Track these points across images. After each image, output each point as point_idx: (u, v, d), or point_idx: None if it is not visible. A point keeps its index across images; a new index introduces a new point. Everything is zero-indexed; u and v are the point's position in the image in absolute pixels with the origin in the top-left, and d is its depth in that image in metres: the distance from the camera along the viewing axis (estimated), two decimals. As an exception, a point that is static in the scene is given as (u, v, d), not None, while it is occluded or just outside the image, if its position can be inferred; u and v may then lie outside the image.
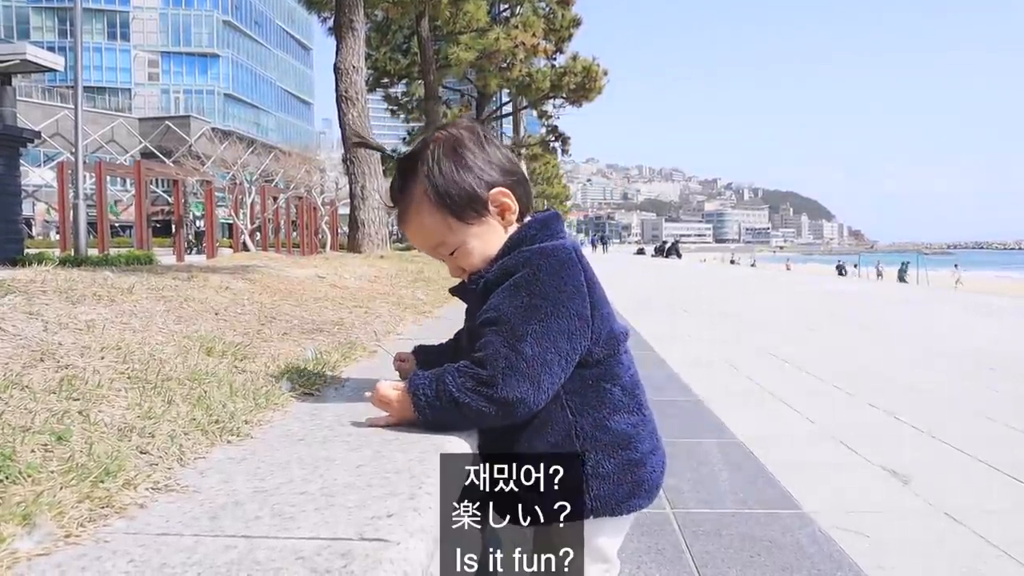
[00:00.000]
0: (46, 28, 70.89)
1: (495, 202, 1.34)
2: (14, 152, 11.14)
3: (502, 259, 1.32)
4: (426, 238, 1.37)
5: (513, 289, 1.25)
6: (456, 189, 1.32)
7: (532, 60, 23.46)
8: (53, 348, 1.55)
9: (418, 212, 1.34)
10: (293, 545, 0.81)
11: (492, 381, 1.19)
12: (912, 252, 72.27)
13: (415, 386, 1.25)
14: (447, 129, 1.39)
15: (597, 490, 1.29)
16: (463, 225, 1.33)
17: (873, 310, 12.57)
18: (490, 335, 1.23)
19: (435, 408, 1.22)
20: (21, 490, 0.90)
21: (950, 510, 2.92)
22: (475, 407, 1.20)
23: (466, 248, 1.35)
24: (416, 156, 1.36)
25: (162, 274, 3.64)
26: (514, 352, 1.20)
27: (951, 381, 5.75)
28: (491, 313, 1.25)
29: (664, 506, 3.03)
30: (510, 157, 1.41)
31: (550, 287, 1.25)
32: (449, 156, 1.33)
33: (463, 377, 1.21)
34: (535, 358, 1.20)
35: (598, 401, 1.32)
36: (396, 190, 1.38)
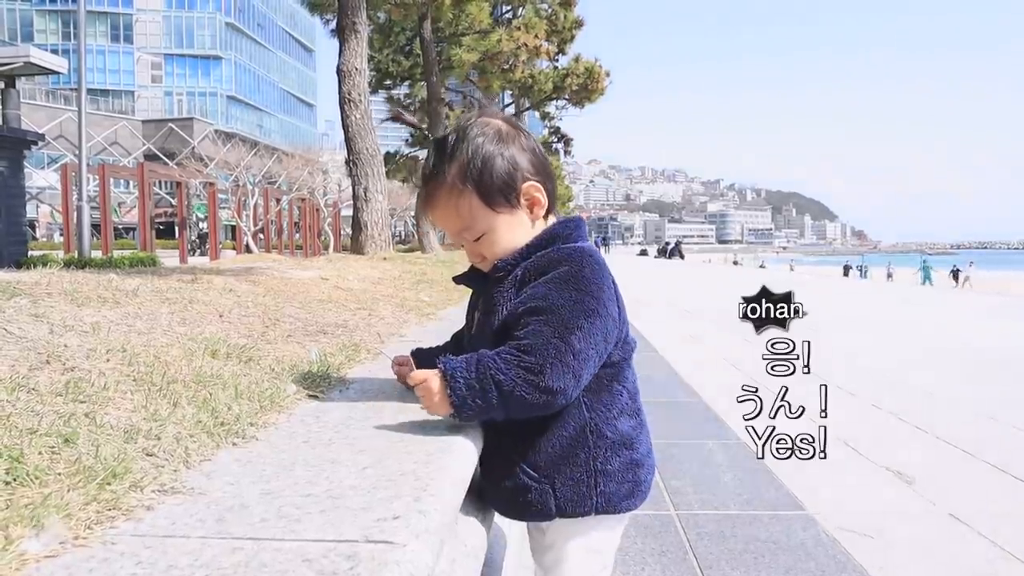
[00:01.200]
0: (49, 31, 71.11)
1: (527, 194, 1.36)
2: (18, 154, 11.17)
3: (540, 251, 1.33)
4: (454, 221, 1.37)
5: (561, 282, 1.26)
6: (493, 175, 1.33)
7: (534, 61, 23.47)
8: (59, 350, 1.55)
9: (450, 193, 1.35)
10: (299, 547, 0.82)
11: (540, 369, 1.18)
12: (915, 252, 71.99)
13: (451, 369, 1.21)
14: (487, 116, 1.41)
15: (604, 487, 1.31)
16: (493, 212, 1.34)
17: (883, 310, 12.56)
18: (537, 324, 1.22)
19: (474, 391, 1.19)
20: (29, 492, 0.90)
21: (955, 512, 2.92)
22: (519, 393, 1.18)
23: (493, 236, 1.36)
24: (456, 137, 1.36)
25: (166, 276, 3.65)
26: (564, 344, 1.20)
27: (956, 381, 5.74)
28: (538, 302, 1.25)
29: (668, 508, 3.03)
30: (543, 154, 1.42)
31: (594, 286, 1.27)
32: (490, 142, 1.35)
33: (507, 363, 1.19)
34: (581, 352, 1.21)
35: (610, 401, 1.34)
36: (430, 169, 1.38)
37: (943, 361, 6.81)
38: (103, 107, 58.26)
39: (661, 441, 3.95)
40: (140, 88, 75.70)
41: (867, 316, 11.60)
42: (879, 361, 6.78)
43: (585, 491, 1.30)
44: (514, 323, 1.27)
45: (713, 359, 6.87)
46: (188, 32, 77.40)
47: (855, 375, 5.95)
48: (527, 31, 21.63)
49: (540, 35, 21.94)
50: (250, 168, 39.60)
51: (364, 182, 11.71)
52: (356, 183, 11.88)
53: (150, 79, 76.89)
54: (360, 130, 11.63)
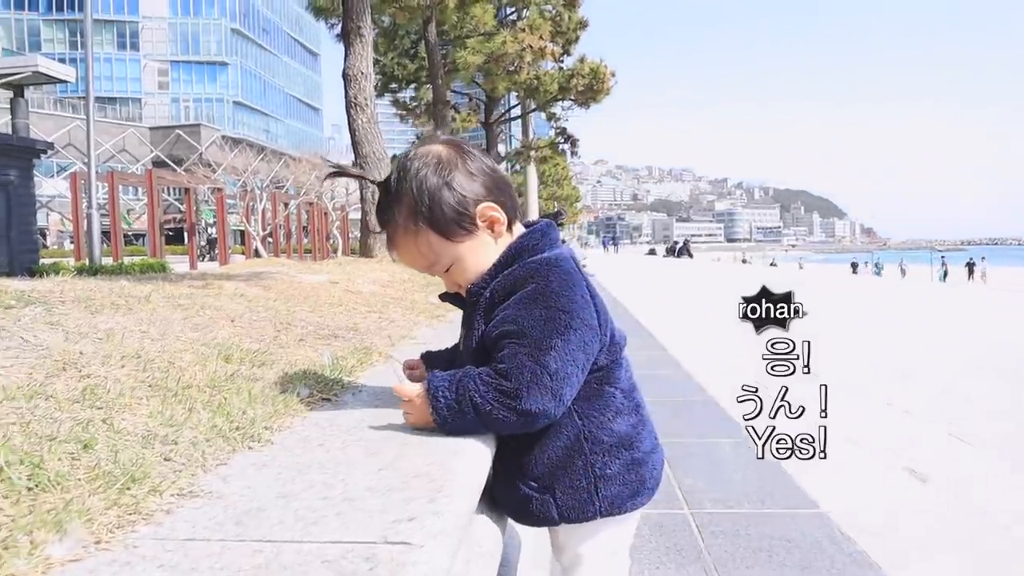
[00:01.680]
0: (57, 40, 71.58)
1: (483, 216, 1.33)
2: (28, 163, 11.24)
3: (506, 269, 1.32)
4: (418, 259, 1.36)
5: (529, 301, 1.25)
6: (442, 208, 1.30)
7: (540, 63, 23.47)
8: (75, 357, 1.56)
9: (406, 235, 1.33)
10: (318, 549, 0.82)
11: (516, 393, 1.19)
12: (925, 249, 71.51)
13: (434, 388, 1.24)
14: (425, 146, 1.37)
15: (605, 491, 1.31)
16: (453, 243, 1.32)
17: (896, 308, 12.50)
18: (512, 347, 1.22)
19: (453, 411, 1.22)
20: (51, 498, 0.91)
21: (970, 509, 2.91)
22: (496, 416, 1.20)
23: (460, 265, 1.35)
24: (398, 176, 1.34)
25: (177, 282, 3.68)
26: (539, 366, 1.20)
27: (971, 378, 5.71)
28: (509, 325, 1.24)
29: (682, 507, 3.03)
30: (493, 167, 1.38)
31: (564, 299, 1.25)
32: (432, 175, 1.31)
33: (486, 386, 1.20)
34: (558, 372, 1.20)
35: (602, 405, 1.34)
36: (382, 214, 1.36)
37: (959, 358, 6.77)
38: (111, 115, 58.61)
39: (673, 440, 3.94)
40: (147, 95, 76.10)
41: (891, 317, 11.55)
42: (894, 358, 6.75)
43: (586, 497, 1.30)
44: (492, 345, 1.27)
45: (723, 357, 6.86)
46: (194, 38, 77.78)
47: (867, 372, 5.94)
48: (532, 32, 21.63)
49: (545, 36, 21.94)
50: (258, 173, 39.79)
51: (372, 185, 11.73)
52: (364, 186, 11.91)
53: (157, 86, 77.30)
54: (367, 134, 11.66)
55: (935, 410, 4.53)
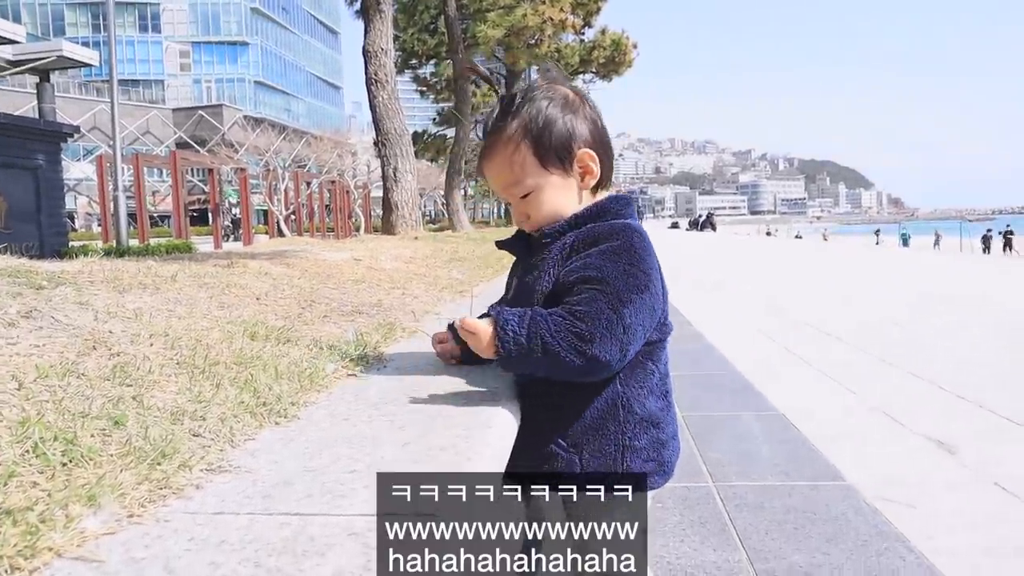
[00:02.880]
0: (80, 24, 72.03)
1: (581, 162, 1.36)
2: (56, 147, 11.37)
3: (589, 222, 1.34)
4: (506, 173, 1.38)
5: (614, 255, 1.27)
6: (552, 133, 1.35)
7: (560, 35, 23.23)
8: (104, 336, 1.59)
9: (506, 145, 1.36)
10: (346, 522, 0.83)
11: (590, 337, 1.19)
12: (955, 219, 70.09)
13: (504, 320, 1.23)
14: (555, 83, 1.42)
15: (630, 462, 1.31)
16: (544, 171, 1.36)
17: (919, 277, 12.32)
18: (591, 292, 1.23)
19: (520, 346, 1.21)
20: (85, 473, 0.93)
21: (1000, 480, 2.88)
22: (564, 357, 1.20)
23: (540, 195, 1.37)
24: (522, 96, 1.38)
25: (203, 262, 3.71)
26: (616, 315, 1.21)
27: (996, 349, 5.63)
28: (591, 272, 1.26)
29: (706, 480, 3.03)
30: (605, 128, 1.43)
31: (644, 263, 1.28)
32: (554, 102, 1.37)
33: (557, 326, 1.21)
34: (631, 327, 1.22)
35: (643, 378, 1.34)
36: (492, 121, 1.40)
37: (984, 329, 6.67)
38: (134, 97, 59.01)
39: (697, 414, 3.94)
40: (169, 77, 76.49)
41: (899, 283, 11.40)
42: (918, 330, 6.67)
43: (612, 464, 1.30)
44: (566, 291, 1.28)
45: (748, 331, 6.81)
46: (214, 19, 77.87)
47: (892, 344, 5.87)
48: (552, 5, 21.37)
49: (565, 8, 21.67)
50: (280, 152, 39.94)
51: (393, 162, 11.75)
52: (385, 163, 11.93)
53: (179, 67, 77.64)
54: (387, 111, 11.65)
55: (961, 381, 4.48)
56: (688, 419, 3.83)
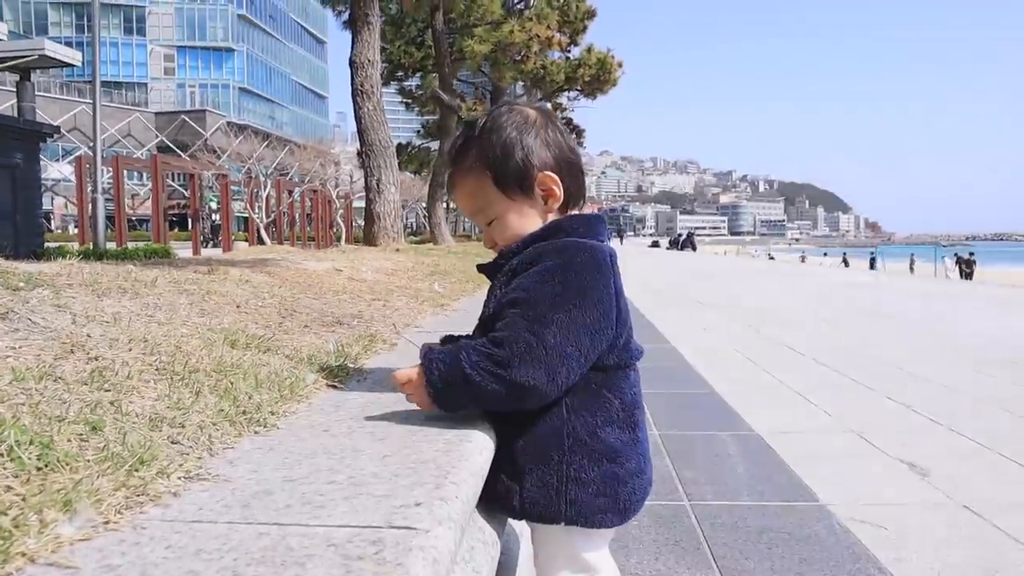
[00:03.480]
0: (64, 23, 71.48)
1: (542, 184, 1.36)
2: (34, 147, 11.24)
3: (537, 242, 1.32)
4: (470, 202, 1.41)
5: (545, 274, 1.24)
6: (509, 161, 1.35)
7: (546, 52, 23.41)
8: (82, 340, 1.58)
9: (467, 175, 1.39)
10: (324, 532, 0.83)
11: (508, 362, 1.16)
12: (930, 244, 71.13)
13: (428, 360, 1.23)
14: (516, 105, 1.44)
15: (573, 495, 1.24)
16: (507, 198, 1.36)
17: (893, 303, 12.49)
18: (513, 316, 1.21)
19: (447, 383, 1.20)
20: (60, 478, 0.92)
21: (970, 503, 2.91)
22: (485, 386, 1.17)
23: (504, 221, 1.38)
24: (484, 121, 1.40)
25: (183, 267, 3.69)
26: (535, 337, 1.17)
27: (971, 373, 5.71)
28: (519, 293, 1.24)
29: (682, 498, 3.04)
30: (572, 148, 1.42)
31: (582, 280, 1.23)
32: (511, 128, 1.37)
33: (478, 355, 1.18)
34: (555, 348, 1.17)
35: (596, 407, 1.28)
36: (454, 150, 1.43)
37: (956, 353, 6.77)
38: (116, 99, 58.54)
39: (674, 432, 3.95)
40: (153, 80, 76.05)
41: (876, 309, 11.54)
42: (893, 353, 6.75)
43: (554, 496, 1.23)
44: (498, 315, 1.26)
45: (726, 351, 6.86)
46: (200, 24, 77.62)
47: (868, 367, 5.94)
48: (539, 22, 21.56)
49: (552, 26, 21.87)
50: (262, 160, 39.78)
51: (377, 174, 11.75)
52: (369, 175, 11.92)
53: (163, 71, 77.23)
54: (372, 122, 11.66)
55: (934, 404, 4.55)
56: (665, 438, 3.84)
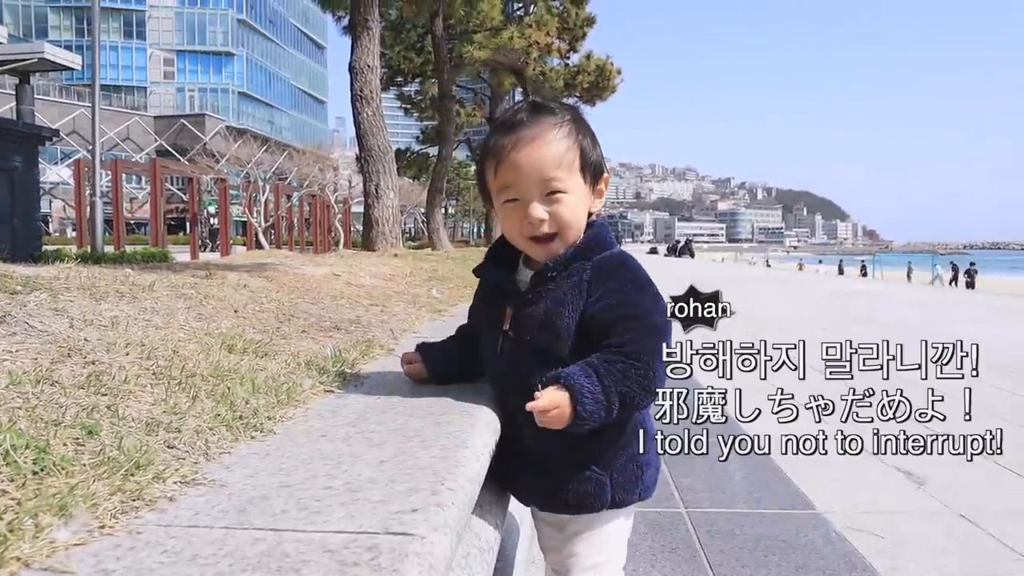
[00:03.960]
0: (63, 27, 71.55)
1: (605, 183, 1.44)
2: (33, 150, 11.26)
3: (592, 254, 1.36)
4: (547, 163, 1.33)
5: (636, 286, 1.34)
6: (595, 145, 1.41)
7: (546, 59, 23.45)
8: (79, 344, 1.57)
9: (559, 137, 1.35)
10: (320, 538, 0.83)
11: (651, 375, 1.28)
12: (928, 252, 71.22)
13: (579, 386, 1.24)
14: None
15: (646, 476, 1.41)
16: (581, 179, 1.39)
17: (886, 309, 12.50)
18: (636, 332, 1.29)
19: (599, 404, 1.25)
20: (56, 482, 0.92)
21: (965, 511, 2.91)
22: (637, 401, 1.28)
23: (570, 199, 1.35)
24: (567, 109, 1.43)
25: (181, 272, 3.68)
26: (664, 347, 1.30)
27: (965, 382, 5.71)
28: (628, 308, 1.31)
29: (678, 506, 3.04)
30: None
31: (654, 288, 1.37)
32: (586, 122, 1.43)
33: (624, 374, 1.26)
34: (668, 351, 1.32)
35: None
36: (542, 106, 1.41)
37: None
38: (116, 103, 58.54)
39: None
40: (152, 84, 76.04)
41: (868, 315, 11.56)
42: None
43: (634, 480, 1.38)
44: (601, 329, 1.30)
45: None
46: (200, 29, 77.69)
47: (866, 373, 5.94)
48: (539, 28, 21.61)
49: (551, 32, 21.92)
50: (261, 164, 39.73)
51: (375, 179, 11.75)
52: (367, 180, 11.93)
53: (162, 75, 77.25)
54: (372, 127, 11.67)
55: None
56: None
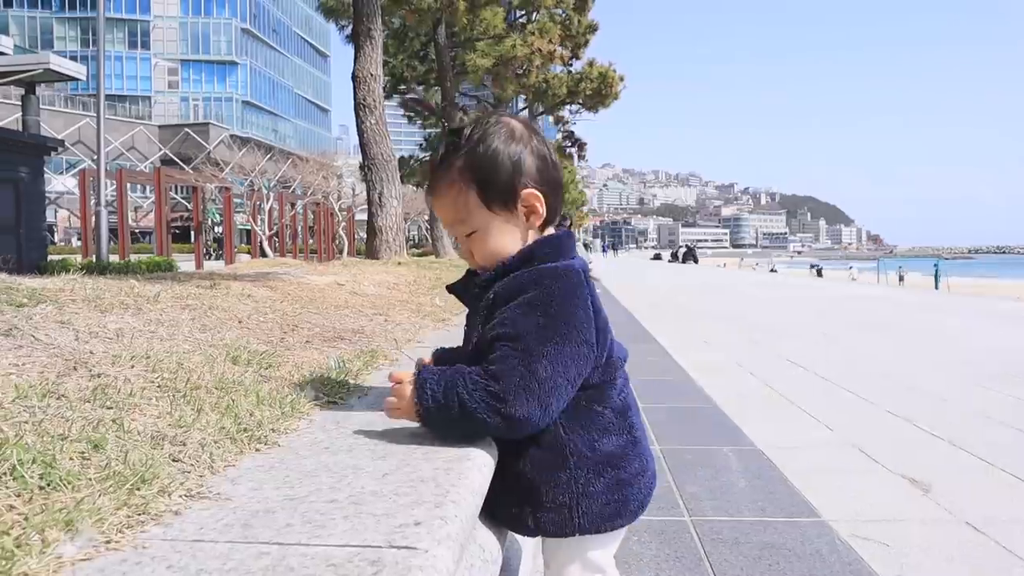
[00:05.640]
0: (69, 38, 72.01)
1: (526, 202, 1.34)
2: (39, 160, 11.30)
3: (513, 272, 1.31)
4: (450, 212, 1.36)
5: (527, 307, 1.25)
6: (495, 175, 1.32)
7: (548, 66, 23.51)
8: (85, 357, 1.58)
9: (451, 185, 1.34)
10: (324, 552, 0.84)
11: (503, 397, 1.18)
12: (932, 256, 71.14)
13: (422, 379, 1.24)
14: (504, 117, 1.40)
15: (586, 508, 1.29)
16: (489, 212, 1.33)
17: (893, 315, 12.47)
18: (504, 350, 1.22)
19: (439, 404, 1.22)
20: (63, 497, 0.93)
21: (971, 519, 2.90)
22: (480, 416, 1.20)
23: (483, 235, 1.35)
24: (470, 131, 1.36)
25: (185, 282, 3.70)
26: (529, 372, 1.19)
27: (971, 388, 5.70)
28: (506, 328, 1.24)
29: (683, 514, 3.03)
30: (556, 164, 1.40)
31: (564, 310, 1.25)
32: (498, 140, 1.34)
33: (474, 384, 1.20)
34: (547, 381, 1.20)
35: (588, 422, 1.32)
36: (438, 158, 1.38)
37: (959, 367, 6.76)
38: (120, 112, 58.80)
39: (675, 447, 3.95)
40: (157, 94, 76.46)
41: (876, 321, 11.52)
42: (895, 367, 6.74)
43: (567, 514, 1.28)
44: (486, 347, 1.27)
45: (726, 365, 6.85)
46: (204, 38, 78.10)
47: (870, 382, 5.93)
48: (541, 36, 21.67)
49: (554, 40, 21.98)
50: (265, 173, 39.84)
51: (379, 187, 11.78)
52: (371, 188, 11.95)
53: (167, 85, 77.66)
54: (375, 135, 11.70)
55: (936, 419, 4.54)
56: (667, 452, 3.84)
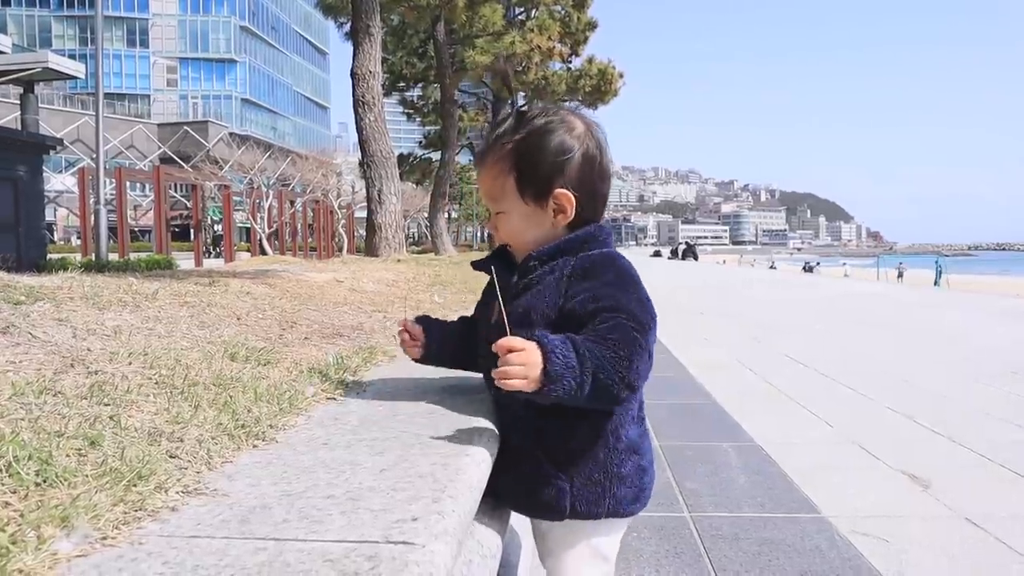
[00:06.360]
0: (67, 36, 71.93)
1: (556, 200, 1.35)
2: (38, 159, 11.29)
3: (580, 251, 1.34)
4: (488, 187, 1.41)
5: (620, 284, 1.29)
6: (536, 168, 1.35)
7: (548, 63, 23.49)
8: (83, 354, 1.58)
9: (496, 163, 1.38)
10: (321, 548, 0.83)
11: (629, 363, 1.19)
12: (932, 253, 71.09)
13: (551, 344, 1.16)
14: (572, 114, 1.41)
15: (617, 490, 1.32)
16: (520, 200, 1.36)
17: (893, 312, 12.48)
18: (617, 319, 1.23)
19: (571, 371, 1.15)
20: (59, 493, 0.92)
21: (971, 515, 2.90)
22: (608, 383, 1.18)
23: (508, 218, 1.39)
24: (534, 118, 1.38)
25: (184, 279, 3.69)
26: (645, 342, 1.23)
27: (971, 384, 5.70)
28: (608, 301, 1.26)
29: (682, 510, 3.03)
30: (604, 173, 1.40)
31: (642, 292, 1.31)
32: (553, 137, 1.36)
33: (602, 354, 1.18)
34: (651, 353, 1.25)
35: (621, 409, 1.35)
36: (496, 133, 1.40)
37: (959, 364, 6.76)
38: (119, 111, 58.73)
39: (675, 443, 3.95)
40: (156, 92, 76.39)
41: (876, 319, 11.52)
42: (895, 364, 6.74)
43: (600, 492, 1.31)
44: (578, 320, 1.26)
45: (726, 361, 6.85)
46: (203, 36, 78.01)
47: (870, 378, 5.93)
48: (540, 33, 21.65)
49: (553, 37, 21.96)
50: (264, 170, 39.83)
51: (378, 184, 11.77)
52: (370, 185, 11.95)
53: (165, 83, 77.57)
54: (374, 132, 11.69)
55: (936, 415, 4.54)
56: (666, 448, 3.84)
